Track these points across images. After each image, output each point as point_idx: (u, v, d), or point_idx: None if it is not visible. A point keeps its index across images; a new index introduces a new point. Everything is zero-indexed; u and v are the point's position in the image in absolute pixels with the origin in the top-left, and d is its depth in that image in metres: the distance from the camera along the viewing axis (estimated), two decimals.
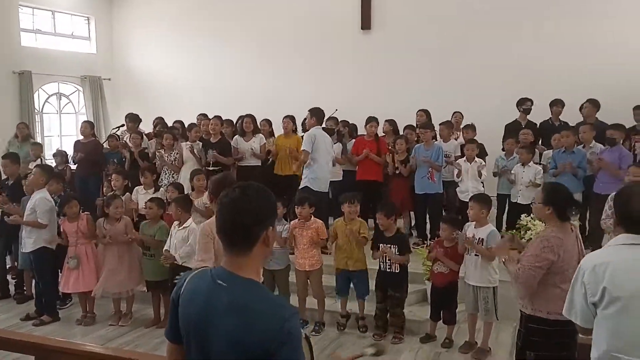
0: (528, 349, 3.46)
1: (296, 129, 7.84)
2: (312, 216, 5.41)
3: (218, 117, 7.61)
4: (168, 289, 5.39)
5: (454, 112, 8.10)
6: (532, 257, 3.36)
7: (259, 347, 1.65)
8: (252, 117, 7.61)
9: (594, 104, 7.31)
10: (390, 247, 5.05)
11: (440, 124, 7.45)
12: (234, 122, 8.07)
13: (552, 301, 3.35)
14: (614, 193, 4.93)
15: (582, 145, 6.74)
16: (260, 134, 7.67)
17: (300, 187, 6.51)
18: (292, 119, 7.65)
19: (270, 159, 7.66)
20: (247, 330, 1.66)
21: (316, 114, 6.58)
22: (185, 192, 6.16)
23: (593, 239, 6.49)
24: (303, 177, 6.57)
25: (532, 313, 3.44)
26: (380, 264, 5.19)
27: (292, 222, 5.45)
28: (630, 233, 2.34)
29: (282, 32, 10.72)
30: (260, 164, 7.53)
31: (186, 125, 8.17)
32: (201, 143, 7.34)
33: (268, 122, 8.04)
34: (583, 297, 2.33)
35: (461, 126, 7.98)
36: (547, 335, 3.40)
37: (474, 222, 4.83)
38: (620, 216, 2.43)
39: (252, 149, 7.38)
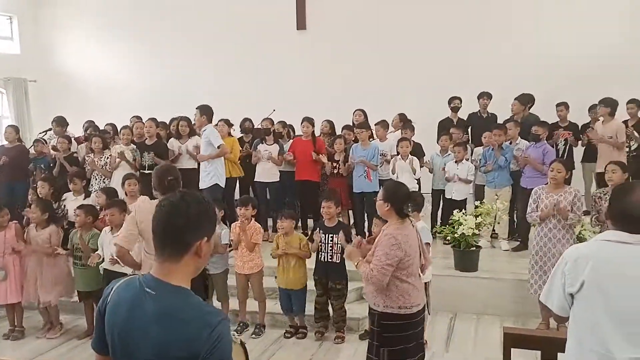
0: (383, 346, 3.55)
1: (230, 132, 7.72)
2: (253, 218, 5.39)
3: (153, 119, 7.42)
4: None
5: (398, 114, 8.18)
6: (383, 256, 3.44)
7: (187, 355, 1.63)
8: (187, 120, 7.48)
9: (521, 101, 7.64)
10: (334, 237, 5.06)
11: (375, 124, 7.55)
12: (168, 124, 7.91)
13: (402, 295, 3.49)
14: (537, 187, 5.25)
15: (509, 141, 7.03)
16: (196, 136, 7.55)
17: (208, 186, 6.45)
18: (226, 122, 7.54)
19: None
20: (175, 339, 1.64)
21: (206, 111, 6.48)
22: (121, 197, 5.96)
23: (521, 232, 6.81)
24: (209, 174, 6.51)
25: (384, 310, 3.53)
26: (320, 255, 5.17)
27: (233, 224, 5.40)
28: (622, 231, 2.27)
29: (216, 31, 10.56)
30: (196, 166, 7.40)
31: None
32: (135, 146, 7.14)
33: None
34: (562, 287, 2.33)
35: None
36: (400, 329, 3.52)
37: None
38: (618, 213, 2.32)
39: (187, 149, 7.27)
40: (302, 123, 7.39)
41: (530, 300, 5.20)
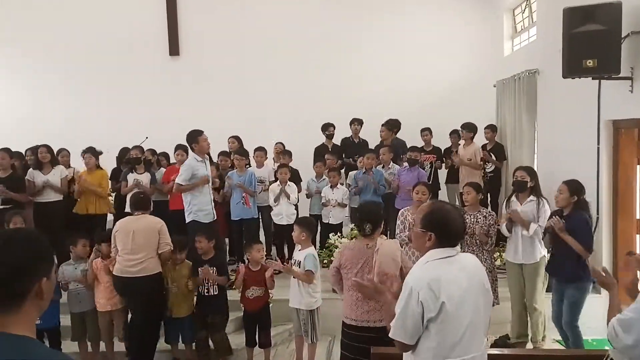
0: (341, 347, 3.95)
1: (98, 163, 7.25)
2: None
3: (5, 150, 6.73)
4: None
5: (276, 143, 8.22)
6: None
7: None
8: (47, 147, 6.92)
9: (388, 127, 8.03)
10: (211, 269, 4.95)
11: (255, 150, 7.54)
12: (24, 154, 7.30)
13: (346, 305, 3.86)
14: (403, 209, 5.49)
15: (381, 165, 7.34)
16: (60, 165, 7.02)
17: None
18: (92, 150, 7.09)
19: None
20: None
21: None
22: None
23: None
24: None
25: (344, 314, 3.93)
26: (198, 289, 5.02)
27: (94, 260, 5.04)
28: (446, 247, 2.47)
29: (86, 57, 10.01)
30: (61, 199, 6.85)
31: None
32: None
33: (67, 152, 7.44)
34: (419, 315, 2.36)
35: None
36: (350, 337, 3.79)
37: (299, 245, 4.94)
38: (441, 231, 2.47)
39: (47, 180, 6.70)
40: (175, 151, 7.18)
41: None
